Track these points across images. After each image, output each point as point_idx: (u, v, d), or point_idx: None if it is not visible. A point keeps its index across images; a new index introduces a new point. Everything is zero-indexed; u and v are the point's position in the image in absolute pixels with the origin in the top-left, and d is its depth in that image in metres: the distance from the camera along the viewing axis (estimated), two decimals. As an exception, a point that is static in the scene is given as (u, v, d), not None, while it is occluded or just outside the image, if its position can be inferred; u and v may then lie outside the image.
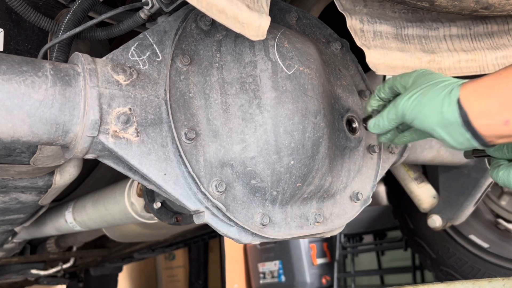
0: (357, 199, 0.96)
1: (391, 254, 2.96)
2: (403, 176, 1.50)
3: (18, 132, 0.64)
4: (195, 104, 0.78)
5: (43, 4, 0.92)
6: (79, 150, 0.69)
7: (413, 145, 1.17)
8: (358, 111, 0.98)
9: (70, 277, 3.10)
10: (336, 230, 0.94)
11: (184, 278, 4.07)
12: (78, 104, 0.67)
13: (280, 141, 0.80)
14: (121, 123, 0.70)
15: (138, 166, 0.72)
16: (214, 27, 0.83)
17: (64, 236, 2.24)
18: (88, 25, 0.77)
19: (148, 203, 1.19)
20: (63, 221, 1.61)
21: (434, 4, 0.83)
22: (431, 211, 1.49)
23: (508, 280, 0.83)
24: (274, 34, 0.84)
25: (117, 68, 0.72)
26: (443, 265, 1.78)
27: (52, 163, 1.04)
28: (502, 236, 1.70)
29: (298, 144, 0.81)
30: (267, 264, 3.40)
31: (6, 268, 2.34)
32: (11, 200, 1.21)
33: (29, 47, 0.90)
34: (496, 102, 0.65)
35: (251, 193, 0.81)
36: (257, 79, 0.80)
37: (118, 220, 1.41)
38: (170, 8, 0.78)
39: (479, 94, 0.66)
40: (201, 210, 0.78)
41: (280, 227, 0.84)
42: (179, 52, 0.79)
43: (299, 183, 0.84)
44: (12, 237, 1.76)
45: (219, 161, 0.78)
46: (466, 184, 1.40)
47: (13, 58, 0.64)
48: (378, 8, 0.92)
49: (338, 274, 3.01)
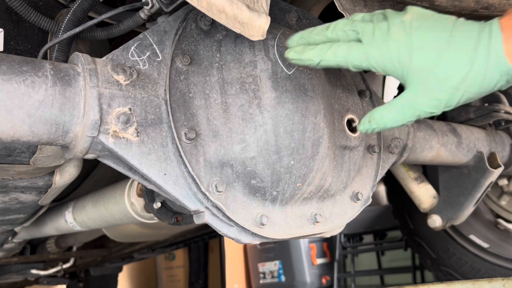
0: (357, 199, 0.96)
1: (391, 254, 2.96)
2: (403, 176, 1.50)
3: (18, 132, 0.64)
4: (195, 104, 0.78)
5: (43, 4, 0.92)
6: (79, 150, 0.69)
7: (413, 145, 1.17)
8: (358, 111, 0.98)
9: (70, 277, 3.10)
10: (336, 230, 0.94)
11: (184, 278, 4.07)
12: (78, 104, 0.67)
13: (280, 141, 0.80)
14: (121, 123, 0.70)
15: (138, 166, 0.72)
16: (214, 27, 0.83)
17: (64, 236, 2.23)
18: (88, 25, 0.77)
19: (148, 203, 1.19)
20: (63, 221, 1.61)
21: (434, 4, 0.83)
22: (431, 211, 1.49)
23: (508, 280, 0.83)
24: (274, 34, 0.84)
25: (117, 68, 0.72)
26: (443, 265, 1.78)
27: (52, 163, 1.04)
28: (502, 236, 1.70)
29: (298, 144, 0.81)
30: (267, 264, 3.40)
31: (6, 268, 2.34)
32: (11, 200, 1.21)
33: (29, 47, 0.90)
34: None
35: (251, 193, 0.81)
36: (257, 79, 0.80)
37: (118, 220, 1.41)
38: (170, 8, 0.78)
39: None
40: (201, 210, 0.78)
41: (280, 227, 0.84)
42: (179, 52, 0.79)
43: (299, 183, 0.84)
44: (12, 237, 1.76)
45: (219, 161, 0.78)
46: (466, 184, 1.39)
47: (13, 58, 0.64)
48: (378, 8, 0.92)
49: (338, 274, 3.01)
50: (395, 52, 0.62)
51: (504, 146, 1.51)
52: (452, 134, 1.31)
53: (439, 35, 0.61)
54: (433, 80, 0.61)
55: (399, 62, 0.62)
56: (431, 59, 0.60)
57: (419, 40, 0.61)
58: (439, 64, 0.60)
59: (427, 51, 0.61)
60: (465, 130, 1.37)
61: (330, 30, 0.68)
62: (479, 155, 1.36)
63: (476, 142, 1.38)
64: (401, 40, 0.62)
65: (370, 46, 0.64)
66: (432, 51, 0.60)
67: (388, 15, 0.66)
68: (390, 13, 0.66)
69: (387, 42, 0.63)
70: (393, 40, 0.63)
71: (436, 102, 0.63)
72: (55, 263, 2.53)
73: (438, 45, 0.60)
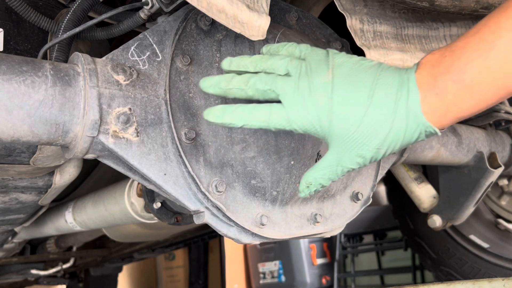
0: (357, 199, 0.96)
1: (391, 254, 2.96)
2: (403, 176, 1.50)
3: (18, 132, 0.63)
4: (195, 104, 0.78)
5: (43, 4, 0.91)
6: (79, 150, 0.69)
7: (413, 145, 1.17)
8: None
9: (70, 277, 3.09)
10: (336, 230, 0.94)
11: (184, 278, 4.07)
12: (78, 104, 0.67)
13: (280, 141, 0.80)
14: (121, 123, 0.70)
15: (138, 166, 0.72)
16: (214, 27, 0.83)
17: (64, 236, 2.23)
18: (88, 25, 0.77)
19: (148, 203, 1.19)
20: (63, 221, 1.61)
21: (434, 4, 0.83)
22: (431, 211, 1.49)
23: (508, 280, 0.83)
24: (274, 34, 0.84)
25: (117, 68, 0.72)
26: (443, 265, 1.78)
27: (52, 163, 1.04)
28: (502, 236, 1.70)
29: (298, 144, 0.81)
30: (267, 264, 3.40)
31: (6, 268, 2.33)
32: (11, 200, 1.21)
33: (29, 47, 0.89)
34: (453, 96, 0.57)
35: (251, 193, 0.81)
36: (257, 79, 0.80)
37: (118, 220, 1.41)
38: (170, 8, 0.78)
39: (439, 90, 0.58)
40: (201, 210, 0.78)
41: (280, 227, 0.84)
42: (179, 52, 0.79)
43: (299, 183, 0.84)
44: (12, 237, 1.76)
45: (219, 161, 0.78)
46: (466, 184, 1.39)
47: (13, 58, 0.64)
48: (378, 8, 0.92)
49: (338, 274, 3.01)
50: (316, 117, 0.63)
51: (504, 146, 1.51)
52: (452, 134, 1.31)
53: (359, 96, 0.61)
54: (355, 141, 0.62)
55: (320, 126, 0.63)
56: (352, 123, 0.61)
57: (340, 103, 0.62)
58: (360, 127, 0.61)
59: (348, 116, 0.61)
60: (465, 130, 1.37)
61: (250, 88, 0.67)
62: (479, 155, 1.36)
63: (476, 142, 1.38)
64: (321, 104, 0.62)
65: (290, 109, 0.64)
66: (353, 116, 0.61)
67: (309, 66, 0.65)
68: (310, 63, 0.66)
69: (307, 105, 0.63)
70: (314, 103, 0.63)
71: (361, 160, 0.64)
72: (55, 263, 2.53)
73: (359, 108, 0.61)
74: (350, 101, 0.61)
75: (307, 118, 0.63)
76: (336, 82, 0.63)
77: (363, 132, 0.61)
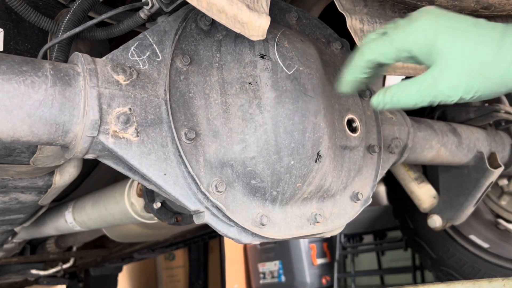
0: (357, 199, 0.96)
1: (391, 254, 2.96)
2: (403, 176, 1.50)
3: (18, 132, 0.63)
4: (195, 104, 0.78)
5: (43, 4, 0.91)
6: (79, 150, 0.69)
7: (413, 145, 1.17)
8: (358, 111, 0.98)
9: (70, 277, 3.09)
10: (336, 230, 0.94)
11: (184, 278, 4.07)
12: (78, 104, 0.67)
13: (280, 141, 0.80)
14: (121, 123, 0.70)
15: (138, 166, 0.72)
16: (214, 27, 0.83)
17: (64, 236, 2.23)
18: (88, 25, 0.77)
19: (148, 203, 1.19)
20: (63, 221, 1.61)
21: (434, 4, 0.83)
22: (431, 211, 1.49)
23: (508, 280, 0.83)
24: (274, 34, 0.84)
25: (117, 68, 0.72)
26: (443, 265, 1.78)
27: (52, 163, 1.04)
28: (502, 236, 1.70)
29: (298, 144, 0.81)
30: (267, 264, 3.39)
31: (6, 268, 2.33)
32: (11, 200, 1.21)
33: (29, 47, 0.90)
34: None
35: (251, 193, 0.81)
36: (257, 79, 0.80)
37: (118, 220, 1.41)
38: (170, 8, 0.78)
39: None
40: (201, 210, 0.78)
41: (280, 227, 0.84)
42: (179, 52, 0.79)
43: (299, 183, 0.84)
44: (12, 237, 1.76)
45: (219, 161, 0.78)
46: (466, 184, 1.39)
47: (13, 58, 0.64)
48: (378, 8, 0.92)
49: (338, 274, 3.01)
50: (421, 32, 0.62)
51: (504, 146, 1.51)
52: (452, 134, 1.31)
53: (465, 21, 0.61)
54: (458, 59, 0.60)
55: (425, 40, 0.62)
56: (458, 38, 0.60)
57: (445, 22, 0.61)
58: (465, 44, 0.60)
59: (454, 31, 0.61)
60: (465, 130, 1.37)
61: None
62: (479, 155, 1.36)
63: (476, 142, 1.38)
64: (427, 21, 0.62)
65: (393, 32, 0.65)
66: (459, 31, 0.60)
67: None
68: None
69: (411, 24, 0.63)
70: (419, 22, 0.62)
71: (456, 83, 0.61)
72: (55, 263, 2.53)
73: (465, 27, 0.60)
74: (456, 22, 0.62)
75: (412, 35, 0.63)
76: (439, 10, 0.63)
77: (467, 49, 0.59)
